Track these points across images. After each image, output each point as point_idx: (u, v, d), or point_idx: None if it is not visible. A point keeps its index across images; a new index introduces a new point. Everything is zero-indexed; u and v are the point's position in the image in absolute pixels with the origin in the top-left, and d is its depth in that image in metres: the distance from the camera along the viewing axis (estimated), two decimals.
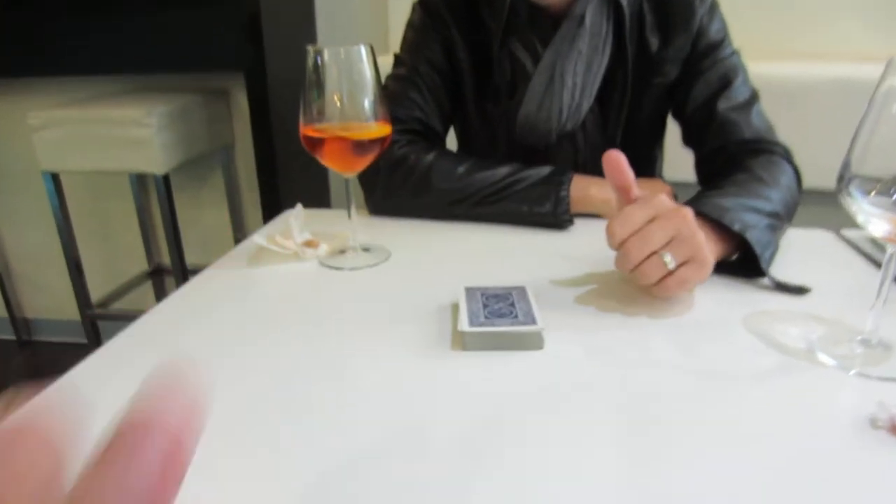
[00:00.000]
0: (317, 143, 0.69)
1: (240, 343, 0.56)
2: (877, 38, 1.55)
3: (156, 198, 2.02)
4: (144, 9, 1.79)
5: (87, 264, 1.94)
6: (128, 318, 0.61)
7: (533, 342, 0.53)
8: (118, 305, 2.01)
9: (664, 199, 0.60)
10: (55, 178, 1.75)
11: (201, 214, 2.11)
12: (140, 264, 2.18)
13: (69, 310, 2.06)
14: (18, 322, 2.34)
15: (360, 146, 0.69)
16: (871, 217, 0.49)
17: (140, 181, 2.08)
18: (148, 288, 2.18)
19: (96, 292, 1.96)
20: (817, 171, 1.00)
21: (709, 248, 0.61)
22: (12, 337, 2.35)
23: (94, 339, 1.92)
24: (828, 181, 1.15)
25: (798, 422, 0.44)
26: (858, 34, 1.55)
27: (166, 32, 1.80)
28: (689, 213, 0.59)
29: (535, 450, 0.41)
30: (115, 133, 1.61)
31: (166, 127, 1.64)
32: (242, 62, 1.66)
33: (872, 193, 0.49)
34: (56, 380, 0.50)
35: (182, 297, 0.67)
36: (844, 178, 0.49)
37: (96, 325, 1.93)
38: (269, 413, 0.46)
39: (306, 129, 0.69)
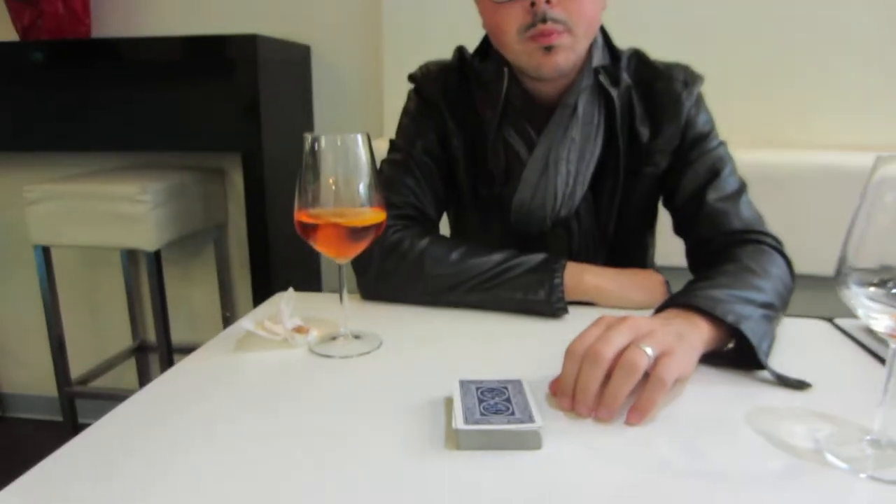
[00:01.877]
0: (311, 228, 0.68)
1: (224, 434, 0.54)
2: (861, 129, 1.60)
3: (145, 273, 2.00)
4: (145, 87, 1.83)
5: (71, 339, 1.89)
6: (106, 397, 0.60)
7: (531, 441, 0.51)
8: (99, 383, 1.95)
9: (609, 316, 0.61)
10: (46, 251, 1.74)
11: (190, 291, 2.09)
12: (125, 340, 2.13)
13: (47, 386, 2.00)
14: None
15: (354, 232, 0.69)
16: (871, 312, 0.48)
17: (131, 256, 2.07)
18: (131, 365, 2.13)
19: (77, 368, 1.90)
20: (808, 258, 1.01)
21: (689, 340, 0.61)
22: None
23: (70, 417, 1.85)
24: (819, 267, 1.16)
25: None
26: (842, 125, 1.61)
27: (166, 111, 1.84)
28: (637, 318, 0.60)
29: None
30: (109, 209, 1.61)
31: (161, 204, 1.64)
32: (240, 143, 1.68)
33: (871, 287, 0.48)
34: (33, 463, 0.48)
35: (166, 382, 0.65)
36: (842, 272, 0.49)
37: (73, 402, 1.86)
38: None
39: (300, 215, 0.69)
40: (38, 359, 2.14)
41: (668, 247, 1.03)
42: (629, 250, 1.01)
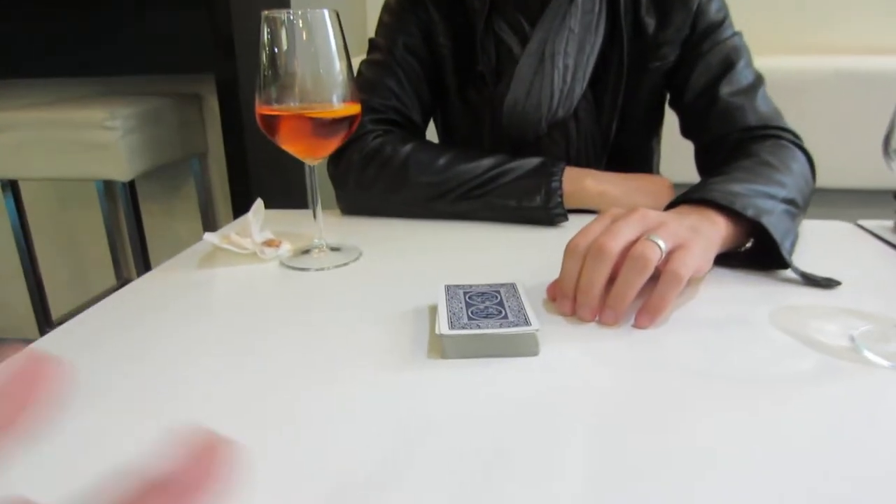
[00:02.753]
0: (274, 122, 0.60)
1: (187, 353, 0.47)
2: (883, 31, 1.49)
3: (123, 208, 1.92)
4: (111, 9, 1.71)
5: (51, 280, 1.83)
6: None
7: (526, 346, 0.44)
8: None
9: (614, 209, 0.54)
10: (14, 185, 1.65)
11: (172, 225, 2.00)
12: (108, 280, 2.07)
13: (29, 329, 1.94)
14: None
15: (324, 126, 0.61)
16: None
17: (108, 190, 1.97)
18: None
19: (59, 310, 1.84)
20: (829, 168, 0.94)
21: (706, 234, 0.54)
22: None
23: None
24: (836, 179, 1.08)
25: (851, 428, 0.36)
26: (864, 27, 1.50)
27: (134, 34, 1.72)
28: (647, 210, 0.52)
29: (533, 476, 0.32)
30: (76, 137, 1.51)
31: (132, 131, 1.54)
32: (214, 64, 1.57)
33: None
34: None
35: (120, 300, 0.58)
36: (892, 138, 0.42)
37: None
38: (222, 426, 0.37)
39: (262, 108, 0.60)
40: (17, 301, 2.07)
41: (673, 158, 0.96)
42: (632, 157, 0.92)
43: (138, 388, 0.42)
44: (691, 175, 0.86)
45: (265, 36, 0.59)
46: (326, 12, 0.59)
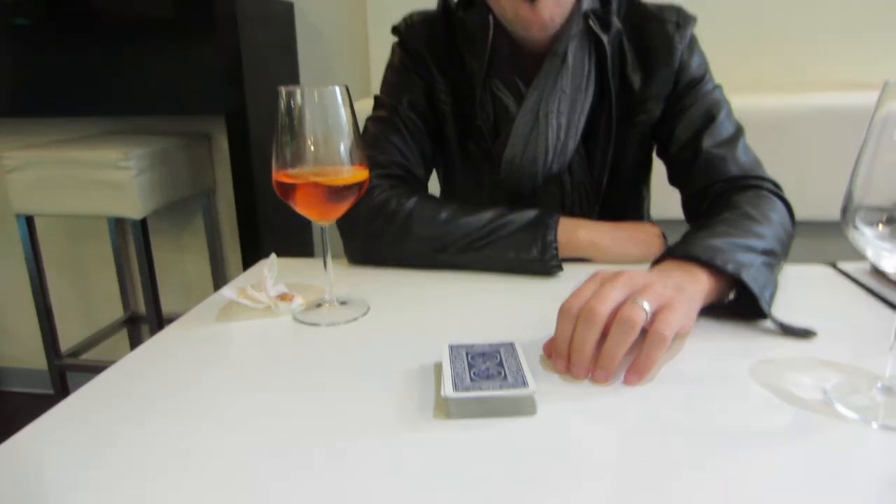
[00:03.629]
0: (290, 189, 0.65)
1: (205, 407, 0.51)
2: (860, 67, 1.55)
3: (133, 242, 1.97)
4: (125, 50, 1.77)
5: (61, 311, 1.87)
6: (97, 369, 0.57)
7: (525, 407, 0.48)
8: (89, 355, 1.93)
9: (604, 272, 0.58)
10: (29, 220, 1.70)
11: (181, 260, 2.05)
12: (115, 312, 2.11)
13: (38, 359, 1.99)
14: None
15: (335, 192, 0.65)
16: (882, 251, 0.46)
17: (118, 225, 2.03)
18: (122, 336, 2.11)
19: (67, 341, 1.88)
20: (809, 203, 0.98)
21: (689, 293, 0.58)
22: None
23: (62, 391, 1.84)
24: (819, 212, 1.12)
25: (822, 483, 0.40)
26: (842, 64, 1.56)
27: (148, 75, 1.79)
28: (632, 272, 0.57)
29: None
30: (92, 175, 1.57)
31: (145, 170, 1.60)
32: (223, 106, 1.63)
33: (880, 225, 0.45)
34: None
35: (144, 354, 0.62)
36: (849, 209, 0.46)
37: (65, 375, 1.85)
38: (234, 481, 0.41)
39: (279, 175, 0.65)
40: (28, 331, 2.12)
41: (663, 198, 1.00)
42: (624, 204, 0.97)
43: (150, 445, 0.46)
44: (681, 213, 0.91)
45: (282, 108, 0.64)
46: (338, 88, 0.64)
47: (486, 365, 0.51)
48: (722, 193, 0.83)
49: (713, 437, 0.45)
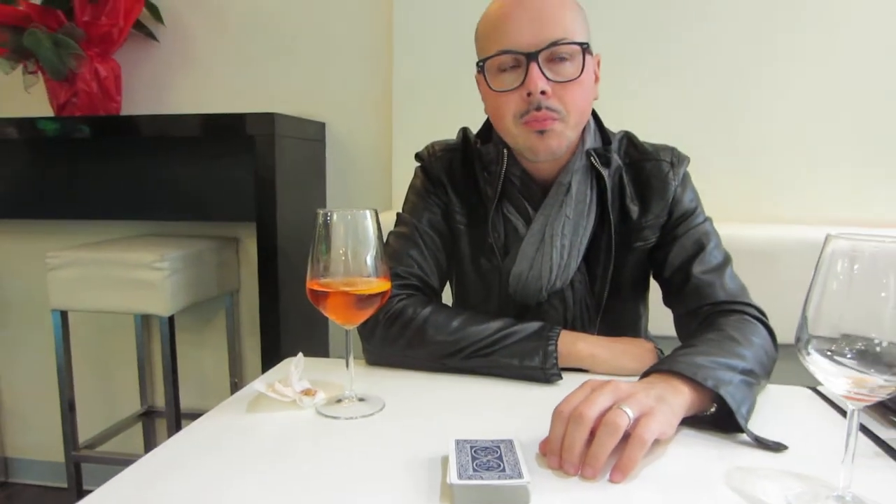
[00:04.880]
0: (321, 296, 0.74)
1: (234, 488, 0.58)
2: (844, 206, 1.67)
3: (157, 338, 2.07)
4: (169, 161, 1.95)
5: (80, 403, 1.92)
6: (113, 462, 0.62)
7: (519, 496, 0.55)
8: (105, 447, 1.96)
9: (594, 380, 0.67)
10: (63, 315, 1.80)
11: (200, 356, 2.13)
12: (133, 405, 2.16)
13: (53, 451, 2.02)
14: None
15: (361, 300, 0.75)
16: (829, 376, 0.53)
17: (144, 321, 2.13)
18: (137, 430, 2.15)
19: (85, 433, 1.93)
20: (794, 325, 1.05)
21: (670, 403, 0.65)
22: None
23: (76, 483, 1.86)
24: None
25: None
26: (826, 202, 1.68)
27: (187, 183, 1.96)
28: (619, 382, 0.66)
29: None
30: (127, 275, 1.68)
31: (177, 271, 1.71)
32: (256, 214, 1.75)
33: (828, 353, 0.53)
34: None
35: (178, 442, 0.69)
36: (801, 339, 0.54)
37: (80, 468, 1.88)
38: None
39: (312, 283, 0.75)
40: (46, 423, 2.17)
41: (662, 316, 1.08)
42: (623, 319, 1.06)
43: None
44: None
45: (319, 225, 0.75)
46: (368, 212, 0.75)
47: (487, 458, 0.58)
48: (709, 316, 0.92)
49: None
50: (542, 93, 0.87)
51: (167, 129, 1.79)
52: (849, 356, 0.52)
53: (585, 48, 0.89)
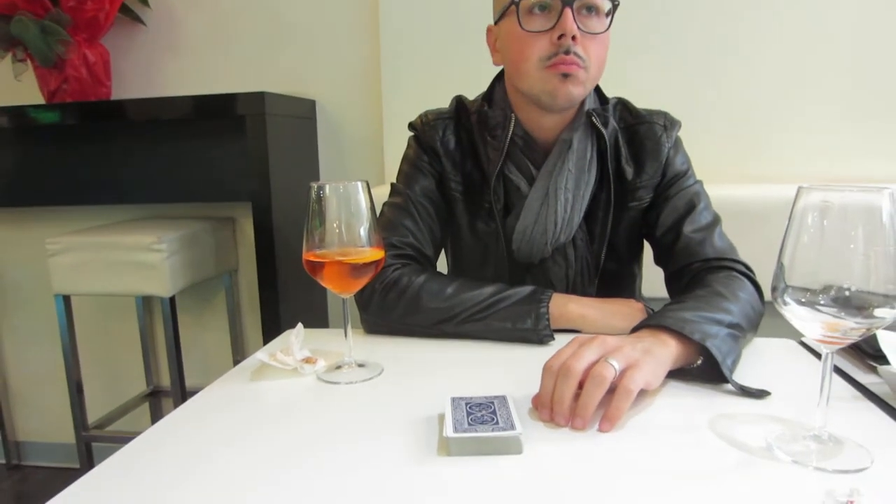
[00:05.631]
0: (317, 266, 0.76)
1: (240, 449, 0.61)
2: (829, 163, 1.70)
3: (160, 319, 2.10)
4: (161, 144, 1.96)
5: (87, 385, 1.96)
6: (122, 440, 0.63)
7: (513, 446, 0.57)
8: (114, 427, 2.01)
9: (582, 336, 0.70)
10: (66, 300, 1.82)
11: (203, 336, 2.16)
12: (139, 386, 2.20)
13: (63, 433, 2.06)
14: (9, 445, 2.33)
15: (356, 269, 0.77)
16: (804, 322, 0.55)
17: (146, 302, 2.16)
18: (144, 410, 2.19)
19: (93, 414, 1.96)
20: None
21: (656, 355, 0.68)
22: (1, 461, 2.33)
23: (87, 463, 1.91)
24: None
25: None
26: (810, 160, 1.70)
27: (181, 166, 1.97)
28: (606, 337, 0.68)
29: None
30: (127, 258, 1.70)
31: (175, 252, 1.73)
32: (250, 194, 1.77)
33: (802, 300, 0.55)
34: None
35: (186, 410, 0.72)
36: (778, 288, 0.56)
37: (90, 447, 1.92)
38: None
39: (308, 255, 0.77)
40: (55, 405, 2.21)
41: (654, 278, 1.11)
42: (619, 279, 1.08)
43: (217, 473, 0.56)
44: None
45: (312, 199, 0.77)
46: (359, 183, 0.76)
47: (481, 412, 0.61)
48: (698, 273, 0.94)
49: (671, 475, 0.54)
50: (573, 38, 0.88)
51: (158, 112, 1.80)
52: (822, 303, 0.54)
53: (616, 5, 0.91)
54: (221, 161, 1.95)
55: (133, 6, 1.98)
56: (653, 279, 1.13)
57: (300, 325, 0.86)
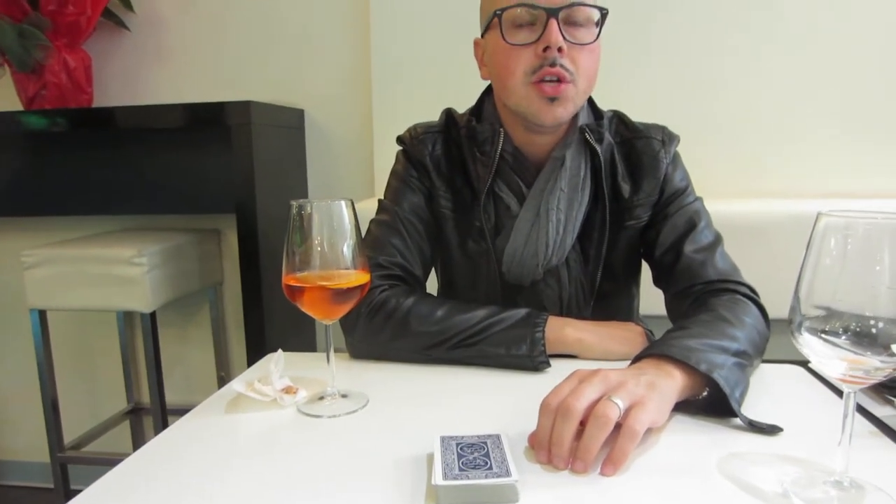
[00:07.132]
0: (298, 291, 0.71)
1: (212, 495, 0.55)
2: (829, 178, 1.67)
3: (141, 335, 2.03)
4: (144, 153, 1.90)
5: (65, 403, 1.89)
6: (99, 462, 0.61)
7: (508, 495, 0.52)
8: (92, 447, 1.93)
9: (582, 370, 0.64)
10: (42, 315, 1.76)
11: (186, 352, 2.10)
12: (119, 403, 2.13)
13: (40, 452, 1.99)
14: None
15: (339, 294, 0.72)
16: (823, 359, 0.51)
17: (126, 317, 2.09)
18: (125, 428, 2.12)
19: (71, 433, 1.90)
20: (785, 301, 1.04)
21: (661, 390, 0.63)
22: None
23: (62, 485, 1.83)
24: None
25: None
26: (811, 175, 1.67)
27: (164, 176, 1.91)
28: (609, 371, 0.63)
29: None
30: (106, 272, 1.64)
31: (157, 266, 1.67)
32: (236, 205, 1.72)
33: (822, 334, 0.51)
34: None
35: (158, 445, 0.67)
36: (794, 321, 0.52)
37: (66, 469, 1.85)
38: None
39: (288, 279, 0.72)
40: (32, 424, 2.14)
41: (653, 297, 1.06)
42: (616, 300, 1.04)
43: None
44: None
45: (293, 218, 0.72)
46: (343, 202, 0.72)
47: (473, 455, 0.56)
48: (700, 295, 0.90)
49: None
50: (559, 49, 0.84)
51: (142, 120, 1.74)
52: (843, 337, 0.50)
53: (605, 14, 0.88)
54: (206, 171, 1.89)
55: (117, 11, 1.93)
56: (650, 297, 1.09)
57: (280, 351, 0.81)
